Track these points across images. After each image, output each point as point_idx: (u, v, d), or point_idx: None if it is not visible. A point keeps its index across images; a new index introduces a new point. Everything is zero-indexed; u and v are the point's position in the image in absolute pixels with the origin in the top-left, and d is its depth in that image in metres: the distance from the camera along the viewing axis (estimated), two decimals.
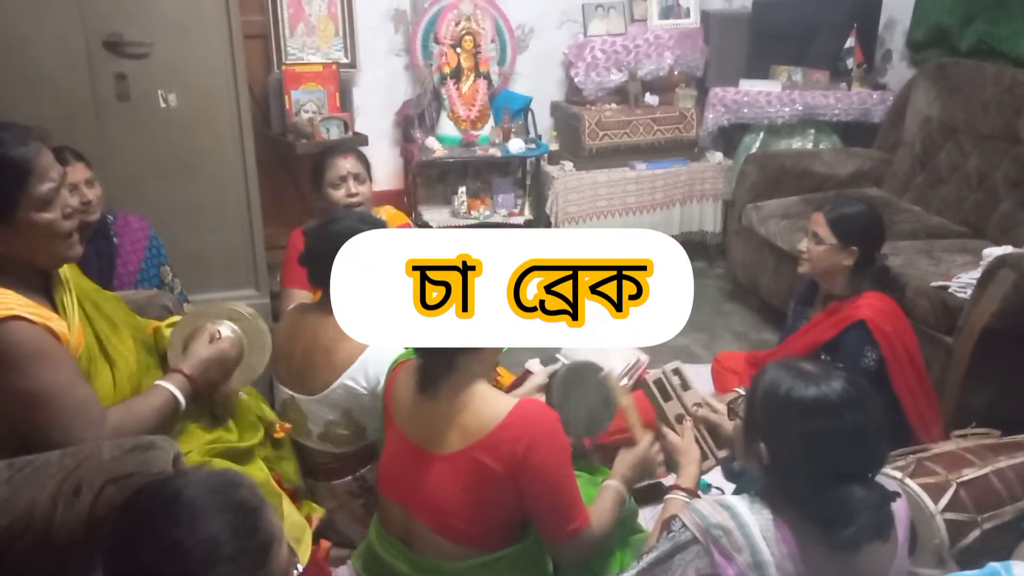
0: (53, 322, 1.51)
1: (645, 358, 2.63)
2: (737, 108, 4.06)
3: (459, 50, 3.95)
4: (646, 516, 2.13)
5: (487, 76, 4.01)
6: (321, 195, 2.73)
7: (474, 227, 4.04)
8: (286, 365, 2.12)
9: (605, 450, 1.96)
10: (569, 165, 4.05)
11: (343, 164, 2.70)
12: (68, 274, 1.66)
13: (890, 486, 1.29)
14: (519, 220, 4.06)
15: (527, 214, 4.06)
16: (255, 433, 1.88)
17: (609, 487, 1.74)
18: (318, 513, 2.05)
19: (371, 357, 2.01)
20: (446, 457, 1.61)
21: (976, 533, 1.72)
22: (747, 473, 1.66)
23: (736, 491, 1.82)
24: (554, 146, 4.21)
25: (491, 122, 4.04)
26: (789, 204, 3.56)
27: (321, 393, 2.06)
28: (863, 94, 4.03)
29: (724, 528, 1.25)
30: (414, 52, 4.00)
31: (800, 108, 3.99)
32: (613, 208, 4.09)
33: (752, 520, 1.25)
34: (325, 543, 1.99)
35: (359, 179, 2.72)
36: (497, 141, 3.95)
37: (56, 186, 1.51)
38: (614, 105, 4.13)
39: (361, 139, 3.70)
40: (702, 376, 2.74)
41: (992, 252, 2.65)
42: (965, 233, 3.24)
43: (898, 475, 1.77)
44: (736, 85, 4.11)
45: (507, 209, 4.05)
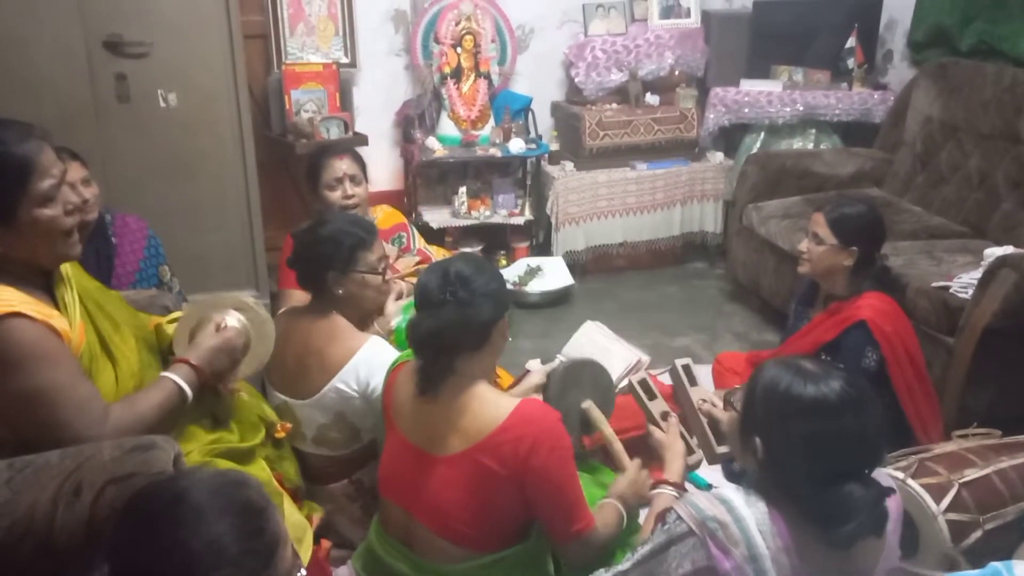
0: (55, 320, 1.51)
1: (646, 358, 2.63)
2: (738, 108, 4.06)
3: (459, 50, 3.95)
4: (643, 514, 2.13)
5: (487, 76, 4.01)
6: (317, 196, 2.70)
7: (475, 227, 4.04)
8: (278, 370, 2.10)
9: (605, 450, 1.96)
10: (570, 165, 4.05)
11: (339, 166, 2.67)
12: (70, 272, 1.66)
13: (884, 481, 1.30)
14: (519, 220, 4.06)
15: (527, 214, 4.06)
16: (256, 433, 1.87)
17: (609, 504, 1.75)
18: (318, 513, 2.04)
19: (362, 359, 2.00)
20: (447, 459, 1.61)
21: (978, 534, 1.71)
22: (747, 474, 1.67)
23: None
24: (554, 146, 4.21)
25: (491, 122, 4.04)
26: (790, 204, 3.55)
27: (313, 397, 2.05)
28: (864, 94, 4.03)
29: (720, 521, 1.25)
30: (414, 52, 4.00)
31: (801, 108, 3.99)
32: (614, 208, 4.09)
33: (748, 514, 1.25)
34: (326, 543, 1.99)
35: (355, 181, 2.69)
36: (497, 141, 3.95)
37: (57, 183, 1.50)
38: (615, 105, 4.13)
39: (361, 139, 3.70)
40: (703, 376, 2.74)
41: (993, 252, 2.65)
42: (966, 233, 3.23)
43: (900, 475, 1.77)
44: (737, 85, 4.11)
45: (507, 209, 4.04)
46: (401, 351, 2.08)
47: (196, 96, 3.11)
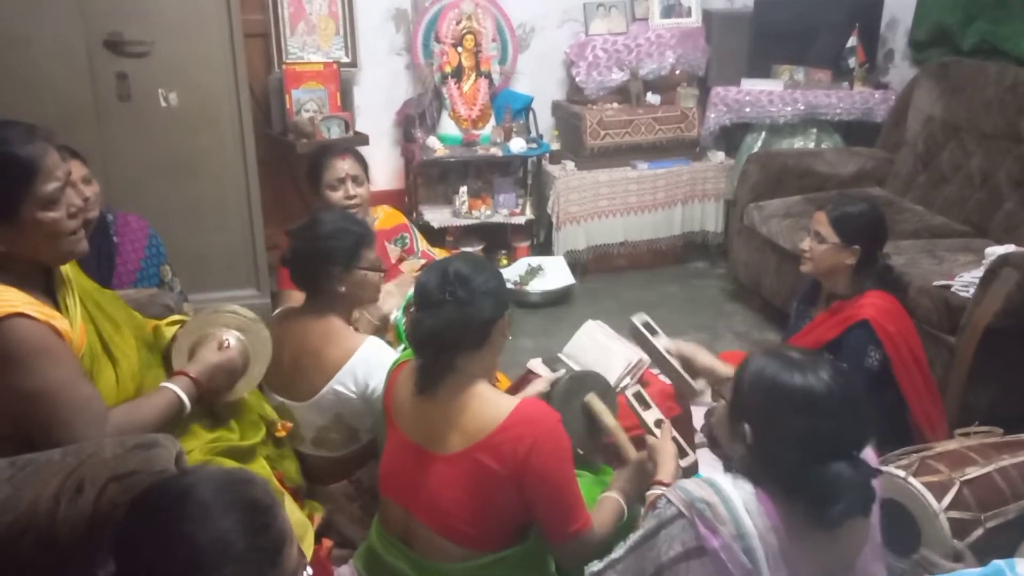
0: (56, 320, 1.51)
1: (647, 358, 2.62)
2: (739, 107, 4.06)
3: (460, 49, 3.95)
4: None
5: (488, 75, 4.01)
6: (318, 196, 2.69)
7: (476, 226, 4.04)
8: (274, 372, 2.06)
9: (607, 450, 1.96)
10: (570, 164, 4.04)
11: (341, 166, 2.66)
12: (70, 273, 1.66)
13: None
14: (520, 220, 4.06)
15: (528, 214, 4.06)
16: (257, 432, 1.87)
17: (609, 498, 1.75)
18: (319, 512, 2.05)
19: (359, 360, 2.00)
20: (447, 458, 1.61)
21: (979, 532, 1.71)
22: (734, 461, 1.70)
23: None
24: (555, 145, 4.21)
25: (492, 121, 4.04)
26: (791, 204, 3.55)
27: (311, 399, 2.04)
28: (865, 93, 4.03)
29: (708, 502, 1.28)
30: (415, 51, 4.00)
31: (802, 107, 3.99)
32: (615, 208, 4.08)
33: (735, 494, 1.29)
34: (327, 542, 1.99)
35: (357, 181, 2.67)
36: (498, 140, 3.95)
37: (62, 185, 1.50)
38: (615, 104, 4.12)
39: (362, 138, 3.70)
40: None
41: (995, 251, 2.65)
42: (968, 232, 3.23)
43: (902, 474, 1.77)
44: (738, 84, 4.11)
45: (508, 209, 4.04)
46: (401, 343, 2.09)
47: (197, 95, 3.11)
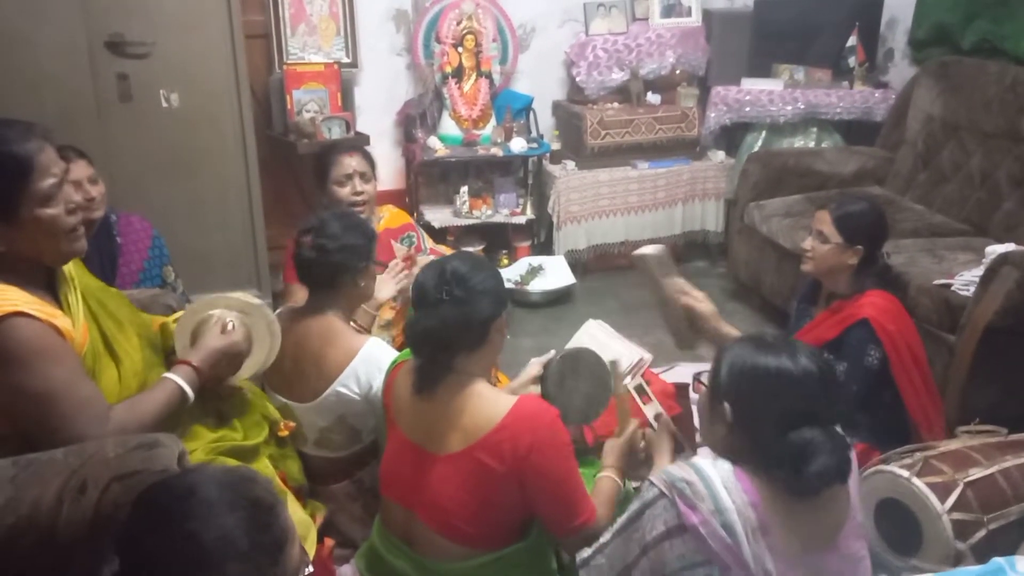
0: (57, 319, 1.51)
1: (648, 356, 2.63)
2: (739, 107, 4.06)
3: (460, 49, 3.95)
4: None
5: (489, 75, 4.01)
6: (325, 192, 2.71)
7: (476, 226, 4.04)
8: (275, 372, 2.07)
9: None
10: (571, 164, 4.05)
11: (349, 162, 2.68)
12: (73, 271, 1.66)
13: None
14: (521, 220, 4.06)
15: (529, 213, 4.07)
16: (260, 431, 1.87)
17: (603, 478, 1.76)
18: (321, 512, 2.04)
19: (361, 361, 2.00)
20: (447, 457, 1.61)
21: (982, 533, 1.71)
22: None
23: None
24: (556, 145, 4.21)
25: (493, 121, 4.04)
26: (791, 203, 3.56)
27: (313, 401, 2.04)
28: (865, 92, 4.03)
29: (687, 480, 1.33)
30: (415, 51, 4.00)
31: (802, 107, 3.99)
32: (615, 207, 4.09)
33: (713, 472, 1.33)
34: (329, 541, 1.99)
35: (364, 178, 2.70)
36: (499, 140, 3.95)
37: (58, 182, 1.50)
38: (616, 104, 4.13)
39: (363, 139, 3.70)
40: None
41: (995, 250, 2.64)
42: (968, 231, 3.23)
43: (905, 474, 1.77)
44: (738, 84, 4.11)
45: (509, 208, 4.04)
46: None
47: (198, 96, 3.12)
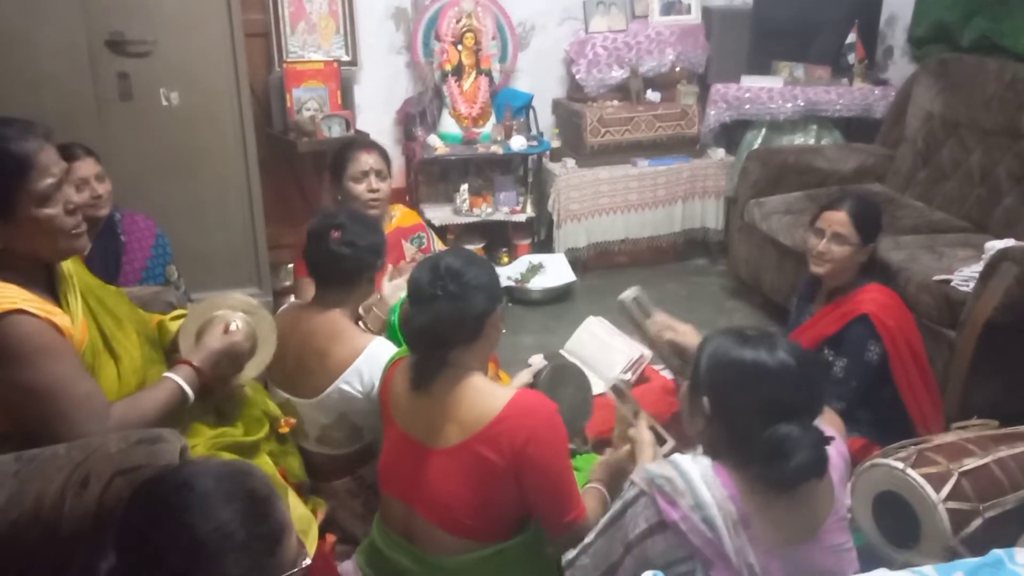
0: (56, 316, 1.51)
1: (648, 353, 2.64)
2: (739, 104, 4.06)
3: (460, 47, 3.95)
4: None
5: (488, 73, 4.01)
6: (341, 187, 2.71)
7: (477, 224, 4.05)
8: (279, 368, 2.07)
9: (604, 443, 1.98)
10: (571, 162, 4.05)
11: (367, 159, 2.68)
12: (72, 269, 1.66)
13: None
14: (521, 217, 4.07)
15: (529, 211, 4.07)
16: (260, 428, 1.88)
17: (592, 488, 1.77)
18: (323, 508, 2.05)
19: (366, 360, 2.00)
20: (446, 451, 1.62)
21: (978, 522, 1.72)
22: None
23: None
24: (556, 143, 4.21)
25: (493, 119, 4.04)
26: (792, 200, 3.56)
27: (316, 398, 2.05)
28: (865, 90, 4.03)
29: (666, 477, 1.33)
30: (415, 49, 4.00)
31: (802, 104, 4.00)
32: (615, 205, 4.09)
33: (692, 468, 1.34)
34: (330, 537, 2.00)
35: (381, 176, 2.70)
36: (499, 138, 3.96)
37: (56, 182, 1.49)
38: (616, 102, 4.13)
39: (362, 137, 3.71)
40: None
41: (994, 246, 2.64)
42: (967, 228, 3.24)
43: (900, 465, 1.78)
44: (738, 81, 4.11)
45: (509, 206, 4.05)
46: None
47: (198, 94, 3.13)
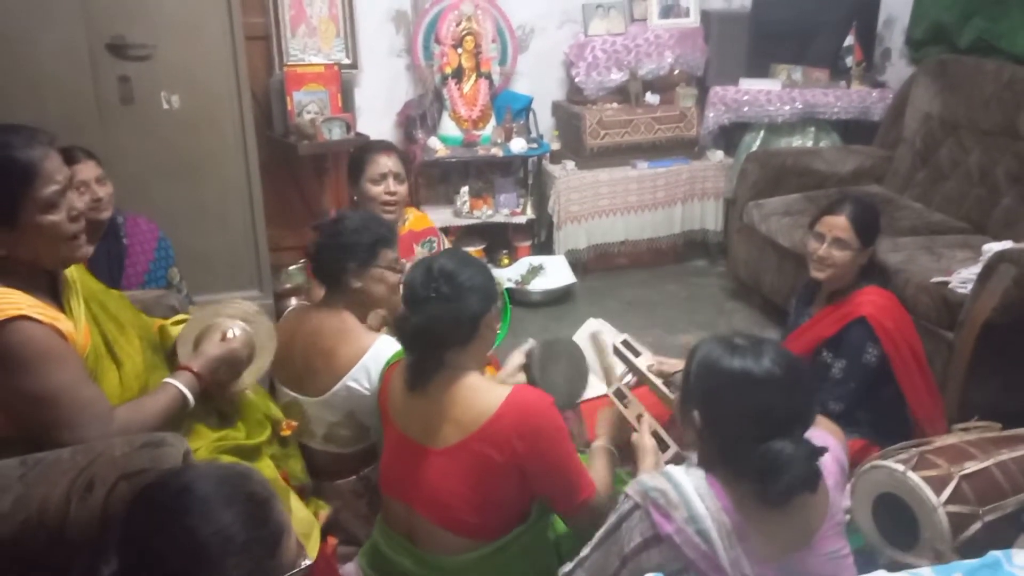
0: (60, 322, 1.51)
1: (648, 353, 2.64)
2: (737, 107, 4.08)
3: (460, 50, 3.96)
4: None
5: (488, 76, 4.02)
6: (358, 188, 2.71)
7: (477, 226, 4.06)
8: (286, 367, 2.11)
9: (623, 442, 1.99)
10: (571, 164, 4.06)
11: (386, 162, 2.69)
12: (75, 275, 1.67)
13: (817, 442, 1.34)
14: (521, 219, 4.08)
15: (529, 213, 4.08)
16: (262, 431, 1.88)
17: (597, 448, 1.80)
18: (325, 510, 2.06)
19: (372, 357, 2.01)
20: (445, 451, 1.63)
21: (978, 525, 1.72)
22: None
23: None
24: (555, 145, 4.22)
25: (493, 122, 4.05)
26: (790, 202, 3.57)
27: (323, 395, 2.06)
28: (863, 92, 4.04)
29: (660, 489, 1.33)
30: (415, 52, 4.01)
31: (800, 106, 4.01)
32: (615, 207, 4.10)
33: (686, 480, 1.34)
34: (332, 539, 2.00)
35: (399, 179, 2.71)
36: (499, 141, 3.97)
37: (61, 189, 1.50)
38: (615, 104, 4.14)
39: (363, 140, 3.71)
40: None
41: (992, 247, 2.65)
42: (966, 229, 3.25)
43: (900, 468, 1.78)
44: (736, 84, 4.12)
45: (509, 208, 4.06)
46: None
47: (199, 98, 3.13)
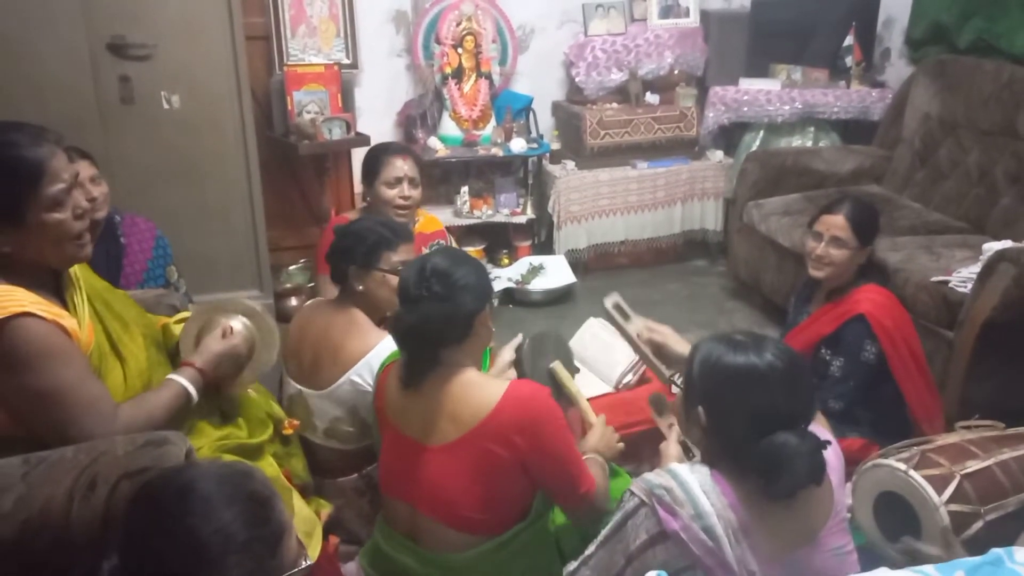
0: (64, 319, 1.52)
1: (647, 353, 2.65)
2: (737, 107, 4.08)
3: (460, 50, 3.97)
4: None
5: (488, 76, 4.03)
6: (372, 190, 2.71)
7: (477, 226, 4.06)
8: (295, 360, 2.14)
9: (624, 442, 1.99)
10: (571, 164, 4.07)
11: (401, 165, 2.68)
12: (79, 273, 1.67)
13: (820, 435, 1.35)
14: (521, 219, 4.08)
15: (529, 213, 4.08)
16: (264, 430, 1.88)
17: (590, 459, 1.81)
18: (327, 509, 2.06)
19: (376, 355, 2.02)
20: (445, 448, 1.63)
21: (979, 524, 1.73)
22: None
23: None
24: (556, 145, 4.23)
25: (493, 122, 4.06)
26: (790, 201, 3.57)
27: (327, 389, 2.07)
28: (862, 92, 4.05)
29: (666, 487, 1.33)
30: (415, 52, 4.01)
31: (800, 106, 4.01)
32: (615, 207, 4.11)
33: (691, 477, 1.34)
34: (334, 539, 2.01)
35: (413, 183, 2.70)
36: (499, 141, 3.97)
37: (67, 187, 1.50)
38: (615, 104, 4.15)
39: (363, 139, 3.71)
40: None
41: (992, 246, 2.66)
42: (965, 228, 3.25)
43: (902, 467, 1.79)
44: (736, 84, 4.13)
45: (509, 208, 4.06)
46: None
47: (199, 98, 3.14)
